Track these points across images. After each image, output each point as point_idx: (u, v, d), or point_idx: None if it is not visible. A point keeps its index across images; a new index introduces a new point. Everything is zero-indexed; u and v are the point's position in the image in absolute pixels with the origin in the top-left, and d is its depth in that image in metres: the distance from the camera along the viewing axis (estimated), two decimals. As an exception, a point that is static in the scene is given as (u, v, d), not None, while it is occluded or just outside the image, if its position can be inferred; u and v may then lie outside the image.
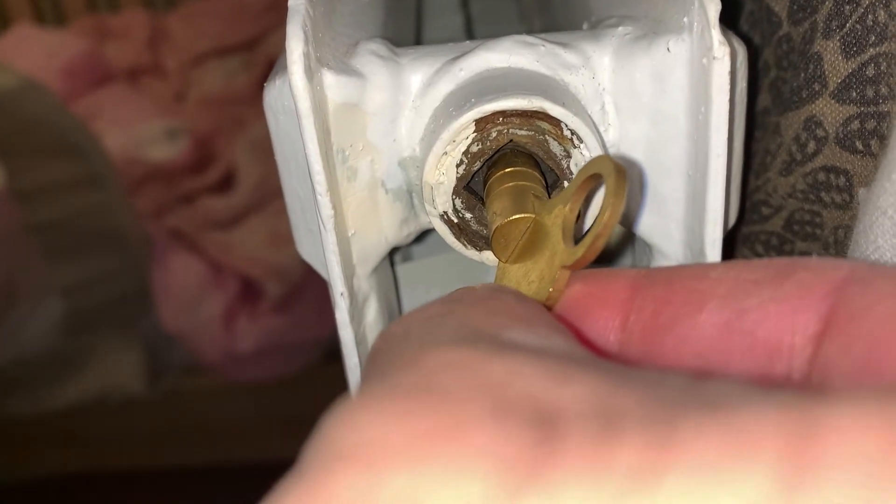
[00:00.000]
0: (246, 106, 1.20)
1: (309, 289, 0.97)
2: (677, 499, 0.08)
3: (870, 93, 0.23)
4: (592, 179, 0.18)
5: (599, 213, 0.16)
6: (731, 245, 0.29)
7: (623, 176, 0.17)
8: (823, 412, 0.09)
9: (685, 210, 0.24)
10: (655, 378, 0.11)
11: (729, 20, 0.30)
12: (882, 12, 0.22)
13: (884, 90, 0.22)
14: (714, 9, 0.20)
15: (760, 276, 0.14)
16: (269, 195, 1.06)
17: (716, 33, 0.20)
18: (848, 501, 0.08)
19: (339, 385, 0.26)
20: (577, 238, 0.18)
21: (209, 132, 1.17)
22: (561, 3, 0.36)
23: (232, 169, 1.13)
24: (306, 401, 0.95)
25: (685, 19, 0.22)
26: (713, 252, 0.23)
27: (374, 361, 0.13)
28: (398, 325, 0.14)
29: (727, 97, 0.21)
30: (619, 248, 0.30)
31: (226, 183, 1.12)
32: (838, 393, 0.09)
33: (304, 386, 0.96)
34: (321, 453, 0.10)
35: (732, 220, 0.26)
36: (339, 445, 0.10)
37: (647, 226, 0.25)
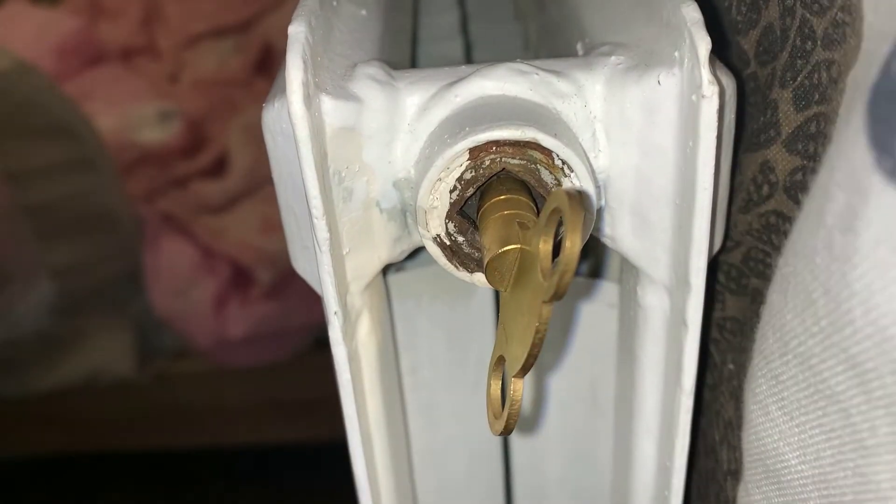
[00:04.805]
0: (239, 89, 1.19)
1: (300, 276, 0.97)
2: None
3: (811, 148, 0.24)
4: (556, 213, 0.19)
5: (561, 249, 0.17)
6: (715, 264, 0.30)
7: (577, 210, 0.17)
8: None
9: (672, 237, 0.24)
10: None
11: (718, 47, 0.30)
12: (825, 73, 0.23)
13: (820, 150, 0.23)
14: (704, 47, 0.21)
15: None
16: (262, 180, 1.06)
17: (705, 72, 0.21)
18: None
19: (328, 371, 0.26)
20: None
21: (202, 115, 1.16)
22: (556, 7, 0.36)
23: (225, 153, 1.12)
24: (296, 386, 0.96)
25: (676, 53, 0.22)
26: (697, 280, 0.23)
27: None
28: None
29: (715, 133, 0.21)
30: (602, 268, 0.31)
31: (218, 167, 1.12)
32: None
33: (293, 371, 0.97)
34: None
35: (718, 245, 0.27)
36: None
37: (635, 249, 0.25)
